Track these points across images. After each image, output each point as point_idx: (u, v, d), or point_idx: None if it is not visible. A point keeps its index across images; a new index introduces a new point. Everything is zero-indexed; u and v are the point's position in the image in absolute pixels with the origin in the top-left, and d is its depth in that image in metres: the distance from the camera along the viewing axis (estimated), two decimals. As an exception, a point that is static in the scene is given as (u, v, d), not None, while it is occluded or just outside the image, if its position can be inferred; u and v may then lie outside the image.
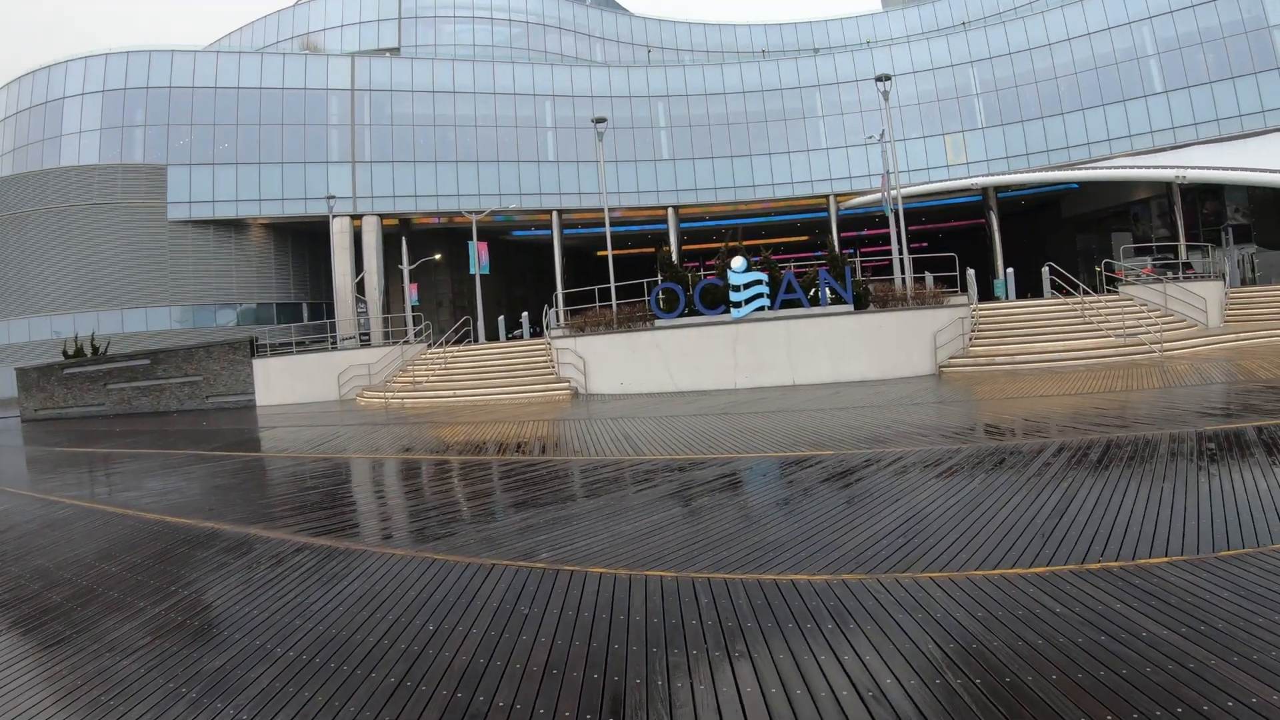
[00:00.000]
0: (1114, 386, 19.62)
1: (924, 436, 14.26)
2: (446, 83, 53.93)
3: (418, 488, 13.94)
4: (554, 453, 15.98)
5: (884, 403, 19.86)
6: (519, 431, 19.75)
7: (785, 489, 10.89)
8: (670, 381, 27.36)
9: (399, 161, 52.78)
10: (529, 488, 12.24)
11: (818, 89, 56.61)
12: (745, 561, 7.53)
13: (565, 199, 54.15)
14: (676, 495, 10.86)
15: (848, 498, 9.89)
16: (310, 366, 37.12)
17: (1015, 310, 29.71)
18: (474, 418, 23.82)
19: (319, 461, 17.18)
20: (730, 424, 18.00)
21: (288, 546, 9.50)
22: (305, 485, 14.49)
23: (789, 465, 12.48)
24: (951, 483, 10.27)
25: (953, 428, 15.65)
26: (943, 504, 9.19)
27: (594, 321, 30.84)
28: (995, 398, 19.33)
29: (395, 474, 15.69)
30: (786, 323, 26.60)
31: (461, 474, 14.44)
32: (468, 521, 10.19)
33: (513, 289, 62.68)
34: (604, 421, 20.27)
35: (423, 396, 30.61)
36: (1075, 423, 14.46)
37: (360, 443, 20.27)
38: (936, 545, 7.67)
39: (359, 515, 11.25)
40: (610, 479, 12.49)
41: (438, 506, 11.65)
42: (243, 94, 51.70)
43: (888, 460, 11.99)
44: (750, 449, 14.32)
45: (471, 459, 15.86)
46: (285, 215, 51.71)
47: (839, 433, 15.70)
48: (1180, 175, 38.72)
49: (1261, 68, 45.32)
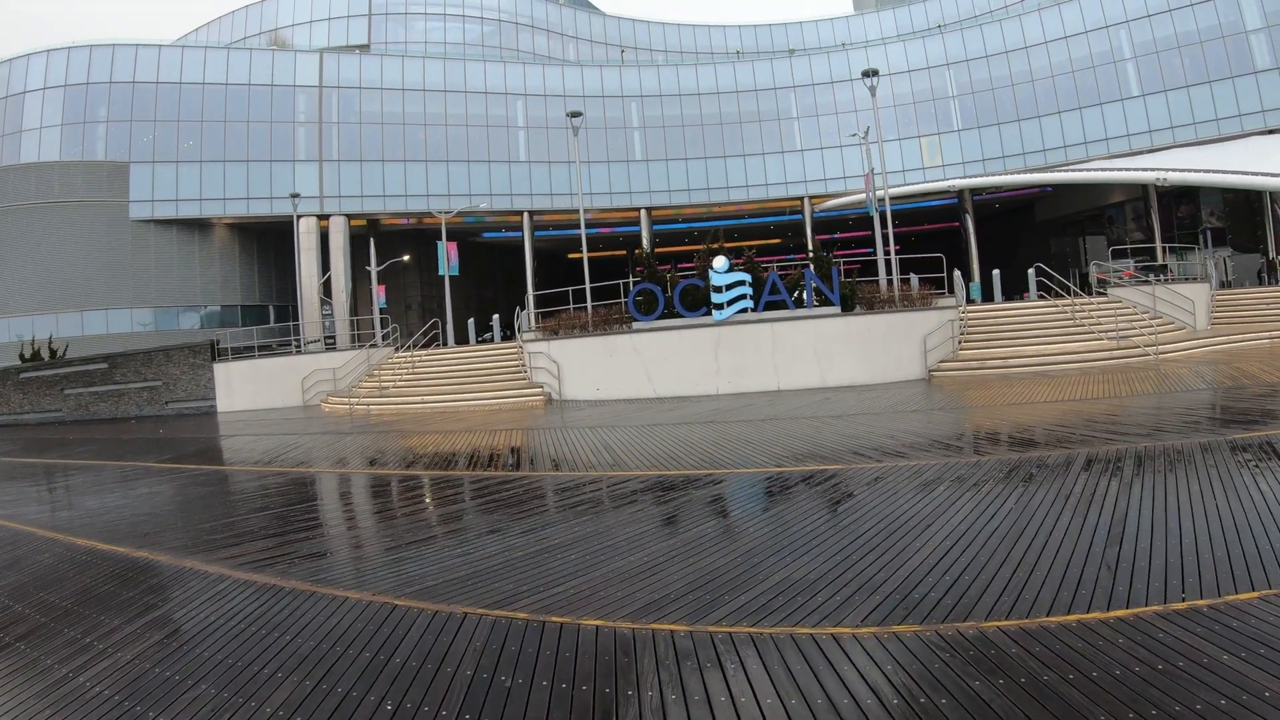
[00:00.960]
0: (1118, 391, 18.55)
1: (935, 447, 13.03)
2: (417, 81, 52.30)
3: (379, 510, 12.45)
4: (529, 467, 14.55)
5: (879, 409, 18.62)
6: (491, 442, 18.29)
7: (796, 510, 9.51)
8: (649, 387, 25.94)
9: (367, 161, 51.07)
10: (504, 510, 10.84)
11: (793, 90, 55.51)
12: (772, 608, 6.17)
13: (537, 200, 52.61)
14: (674, 520, 9.50)
15: (870, 521, 8.57)
16: (273, 371, 35.36)
17: (1004, 312, 28.66)
18: (443, 426, 22.31)
19: (274, 476, 15.63)
20: (719, 433, 16.68)
21: (225, 585, 8.04)
22: (256, 505, 12.95)
23: (794, 482, 11.14)
24: (983, 501, 9.03)
25: (963, 437, 14.43)
26: (983, 528, 7.96)
27: (568, 324, 29.30)
28: (996, 404, 18.14)
29: (355, 492, 14.20)
30: (771, 325, 25.25)
31: (428, 493, 12.96)
32: (435, 555, 8.68)
33: (483, 292, 61.03)
34: (581, 431, 18.85)
35: (389, 402, 29.04)
36: (1094, 431, 13.27)
37: (320, 455, 18.69)
38: (994, 583, 6.42)
39: (311, 544, 9.73)
40: (595, 499, 11.12)
41: (400, 535, 10.12)
42: (208, 90, 49.75)
43: (903, 475, 10.71)
44: (747, 462, 13.00)
45: (439, 474, 14.38)
46: (250, 215, 49.79)
47: (840, 443, 14.42)
48: (1161, 177, 37.94)
49: (1238, 72, 44.81)
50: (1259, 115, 44.22)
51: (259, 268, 52.94)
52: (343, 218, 50.16)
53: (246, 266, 52.50)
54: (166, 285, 49.70)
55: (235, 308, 51.70)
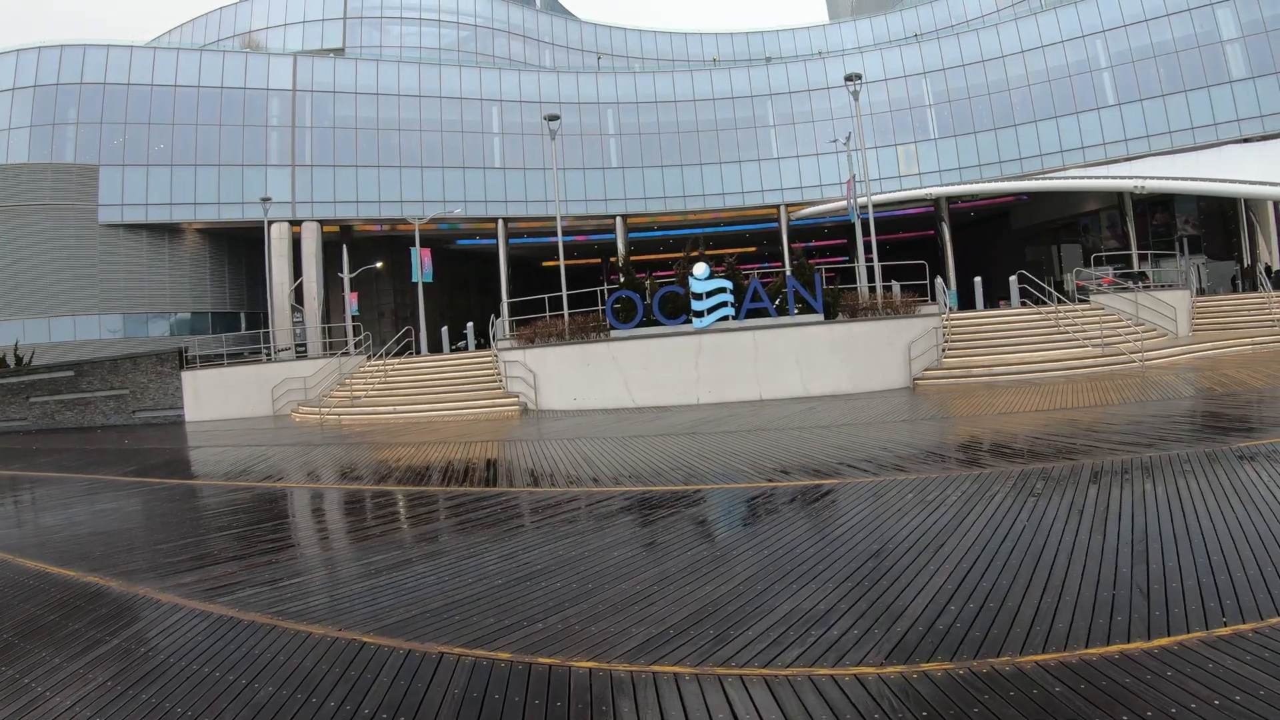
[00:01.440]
0: (1109, 399, 18.10)
1: (932, 459, 12.45)
2: (391, 85, 51.41)
3: (348, 530, 11.66)
4: (506, 483, 13.80)
5: (867, 419, 18.06)
6: (466, 454, 17.49)
7: (795, 530, 8.84)
8: (628, 397, 25.24)
9: (340, 166, 50.10)
10: (481, 531, 10.10)
11: (769, 98, 55.06)
12: (784, 643, 5.51)
13: (511, 207, 51.78)
14: (664, 542, 8.80)
15: (877, 540, 7.95)
16: (242, 379, 34.38)
17: (987, 320, 28.23)
18: (416, 437, 21.50)
19: (240, 492, 14.83)
20: (703, 445, 16.01)
21: (179, 617, 7.30)
22: (219, 523, 12.13)
23: (789, 498, 10.49)
24: (994, 517, 8.45)
25: (960, 448, 13.83)
26: (999, 547, 7.38)
27: (544, 332, 28.49)
28: (987, 413, 17.60)
29: (323, 510, 13.39)
30: (753, 333, 24.62)
31: (400, 511, 12.18)
32: (408, 582, 7.91)
33: (456, 300, 60.04)
34: (559, 443, 18.13)
35: (361, 413, 28.17)
36: (1095, 440, 12.76)
37: (288, 468, 17.87)
38: (1022, 610, 5.84)
39: (274, 569, 8.97)
40: (578, 519, 10.41)
41: (371, 559, 9.24)
42: (180, 92, 48.58)
43: (905, 490, 10.10)
44: (736, 476, 12.37)
45: (412, 490, 13.60)
46: (221, 220, 48.70)
47: (832, 455, 13.78)
48: (1140, 185, 37.77)
49: (1214, 81, 44.79)
50: (1234, 124, 44.17)
51: (230, 274, 51.81)
52: (315, 224, 49.16)
53: (217, 273, 51.37)
54: (136, 291, 48.49)
55: (206, 315, 50.55)
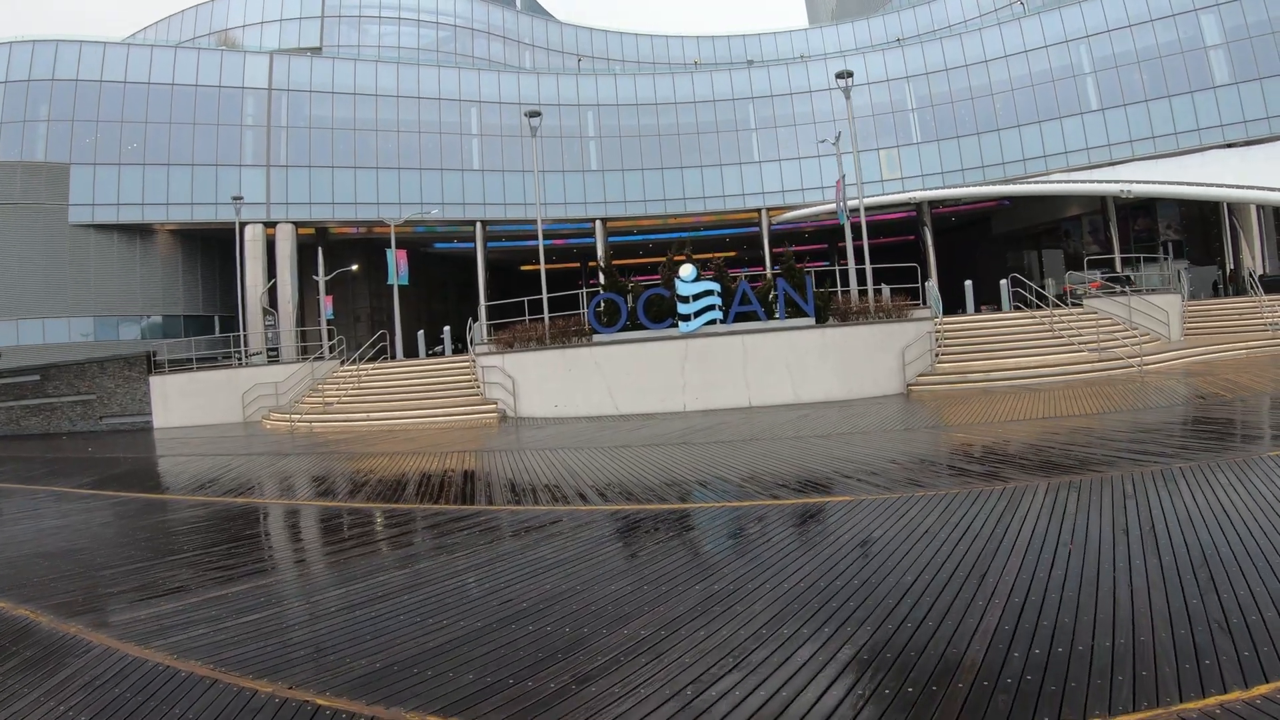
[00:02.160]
0: (1114, 405, 17.27)
1: (948, 472, 11.49)
2: (369, 85, 50.16)
3: (311, 555, 10.50)
4: (486, 499, 12.70)
5: (865, 428, 17.09)
6: (442, 466, 16.35)
7: (812, 556, 7.77)
8: (611, 404, 24.10)
9: (317, 167, 48.79)
10: (458, 558, 8.95)
11: (751, 102, 54.25)
12: (821, 711, 4.52)
13: (490, 209, 50.61)
14: (666, 572, 7.71)
15: (911, 570, 6.92)
16: (212, 385, 33.00)
17: (980, 324, 27.39)
18: (390, 447, 20.33)
19: (197, 508, 13.67)
20: (695, 457, 14.97)
21: (109, 665, 6.20)
22: (171, 545, 10.93)
23: (798, 518, 9.45)
24: (1033, 539, 7.53)
25: (971, 459, 12.83)
26: (1049, 577, 6.47)
27: (524, 336, 27.34)
28: (990, 420, 16.65)
29: (285, 531, 12.22)
30: (742, 337, 23.53)
31: (369, 534, 11.06)
32: (375, 623, 6.77)
33: (433, 304, 58.68)
34: (541, 454, 17.01)
35: (333, 420, 26.94)
36: (1114, 450, 11.87)
37: (253, 481, 16.65)
38: (1096, 655, 4.96)
39: (225, 604, 7.83)
40: (565, 543, 9.29)
41: (334, 592, 8.07)
42: (154, 90, 47.12)
43: (927, 508, 9.11)
44: (737, 492, 11.34)
45: (384, 508, 12.45)
46: (194, 221, 47.26)
47: (836, 468, 12.76)
48: (1126, 189, 37.18)
49: (1197, 87, 44.47)
50: (1218, 130, 43.87)
51: (203, 277, 50.33)
52: (290, 225, 47.87)
53: (190, 275, 49.91)
54: (107, 294, 46.96)
55: (178, 318, 49.05)
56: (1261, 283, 38.69)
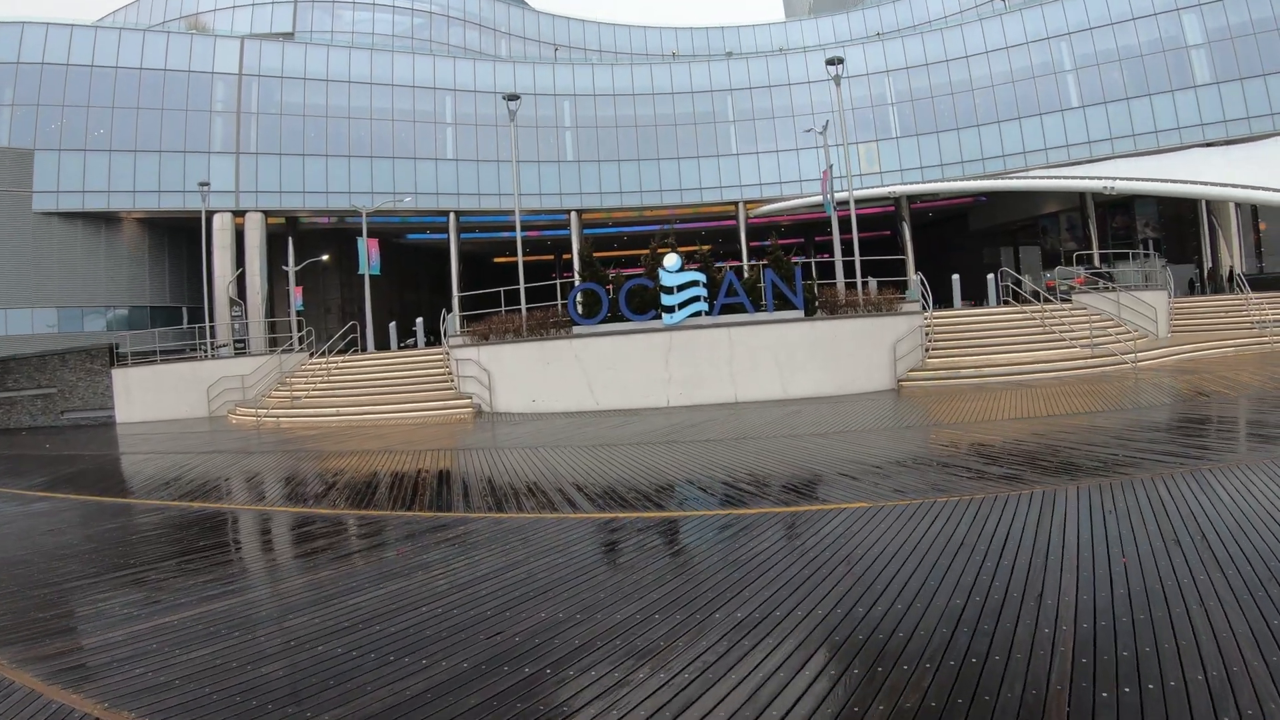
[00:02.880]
0: (1117, 403, 16.61)
1: (963, 475, 10.50)
2: (342, 71, 48.83)
3: (267, 575, 9.21)
4: (464, 503, 11.65)
5: (862, 425, 16.19)
6: (416, 466, 15.27)
7: (842, 575, 6.76)
8: (591, 399, 23.07)
9: (287, 154, 47.45)
10: (433, 579, 7.83)
11: (729, 94, 53.40)
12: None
13: (464, 200, 49.52)
14: (681, 595, 6.69)
15: (948, 593, 5.93)
16: (176, 378, 31.61)
17: (970, 318, 26.66)
18: (359, 444, 19.19)
19: (149, 514, 12.48)
20: (685, 457, 14.02)
21: (29, 712, 5.21)
22: (116, 559, 9.61)
23: (812, 529, 8.42)
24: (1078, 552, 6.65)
25: (984, 459, 11.87)
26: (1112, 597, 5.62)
27: (500, 328, 26.00)
28: (992, 418, 15.75)
29: (241, 543, 10.95)
30: (728, 330, 22.58)
31: (333, 546, 9.90)
32: (333, 668, 5.65)
33: (406, 296, 57.37)
34: (520, 452, 15.96)
35: (301, 415, 25.71)
36: (1135, 451, 11.03)
37: (211, 483, 15.36)
38: (1194, 698, 4.11)
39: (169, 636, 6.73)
40: (554, 557, 8.22)
41: (288, 624, 6.86)
42: (121, 74, 45.57)
43: (954, 515, 8.18)
44: (738, 497, 10.31)
45: (351, 515, 11.29)
46: (162, 209, 45.80)
47: (841, 469, 11.80)
48: (1109, 185, 36.71)
49: (1178, 86, 44.30)
50: (1198, 129, 43.77)
51: (170, 267, 48.84)
52: (259, 214, 46.59)
53: (157, 265, 48.41)
54: (71, 284, 45.42)
55: (145, 309, 47.55)
56: (1235, 280, 38.63)
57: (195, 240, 47.29)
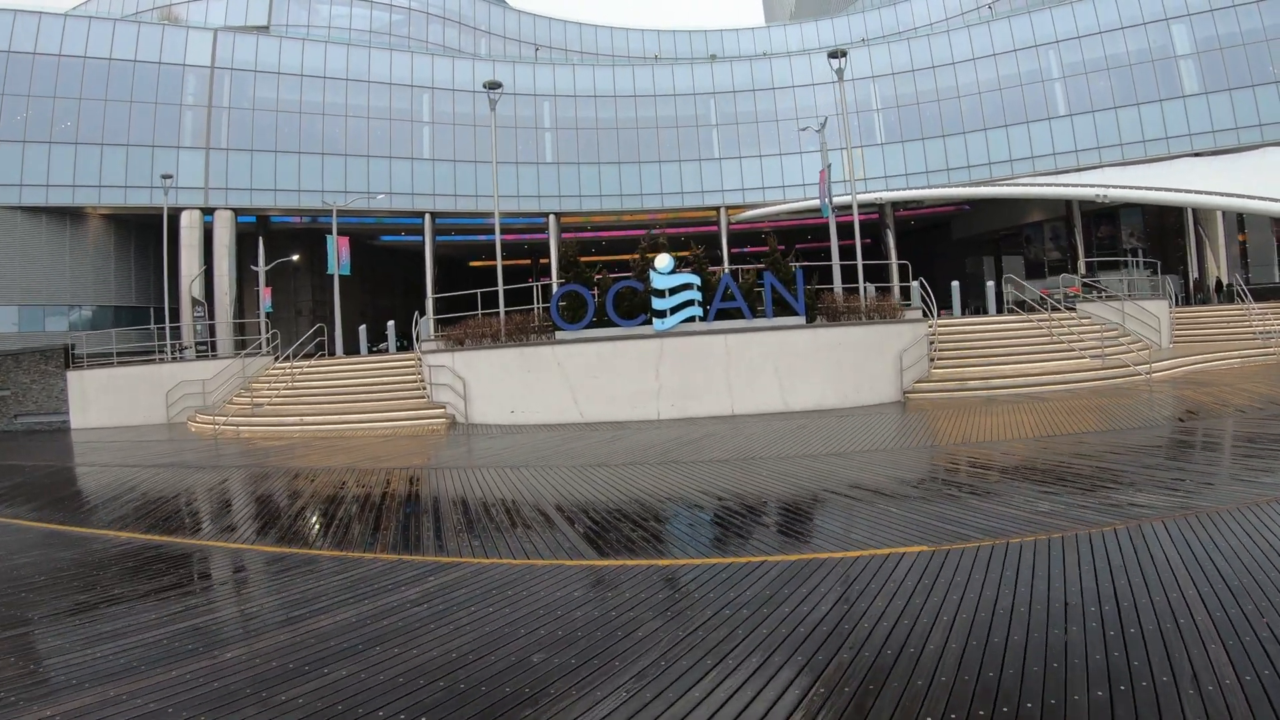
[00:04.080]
0: (1149, 418, 15.11)
1: (1020, 505, 8.67)
2: (317, 67, 46.69)
3: (187, 644, 7.42)
4: (434, 543, 9.49)
5: (882, 444, 14.40)
6: (381, 487, 13.23)
7: (959, 630, 4.97)
8: (575, 410, 21.17)
9: (259, 151, 45.27)
10: (390, 659, 5.96)
11: (712, 97, 51.74)
12: None
13: (440, 200, 47.49)
14: (741, 692, 4.92)
15: (1088, 669, 4.21)
16: (134, 381, 29.35)
17: (975, 327, 25.04)
18: (319, 459, 17.20)
19: (69, 547, 10.41)
20: (691, 480, 12.13)
21: None
22: (9, 613, 7.89)
23: (885, 575, 6.54)
24: (1244, 618, 4.88)
25: (1039, 487, 9.92)
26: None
27: (476, 333, 24.08)
28: (1021, 435, 14.03)
29: (161, 593, 8.76)
30: (724, 337, 20.72)
31: (278, 603, 7.83)
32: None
33: (380, 299, 54.95)
34: (500, 473, 13.97)
35: (262, 423, 23.60)
36: (1208, 477, 9.27)
37: (149, 505, 13.30)
38: None
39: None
40: (560, 627, 6.37)
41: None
42: (90, 65, 43.25)
43: (1043, 562, 6.39)
44: (780, 542, 8.50)
45: (302, 556, 9.20)
46: (128, 205, 43.52)
47: (878, 502, 9.90)
48: (1102, 194, 35.40)
49: (1166, 95, 43.26)
50: (1186, 138, 42.77)
51: (138, 265, 46.44)
52: (229, 212, 44.41)
53: (123, 264, 46.03)
54: (34, 282, 42.99)
55: (109, 309, 45.19)
56: (1224, 292, 37.61)
57: (163, 238, 45.06)
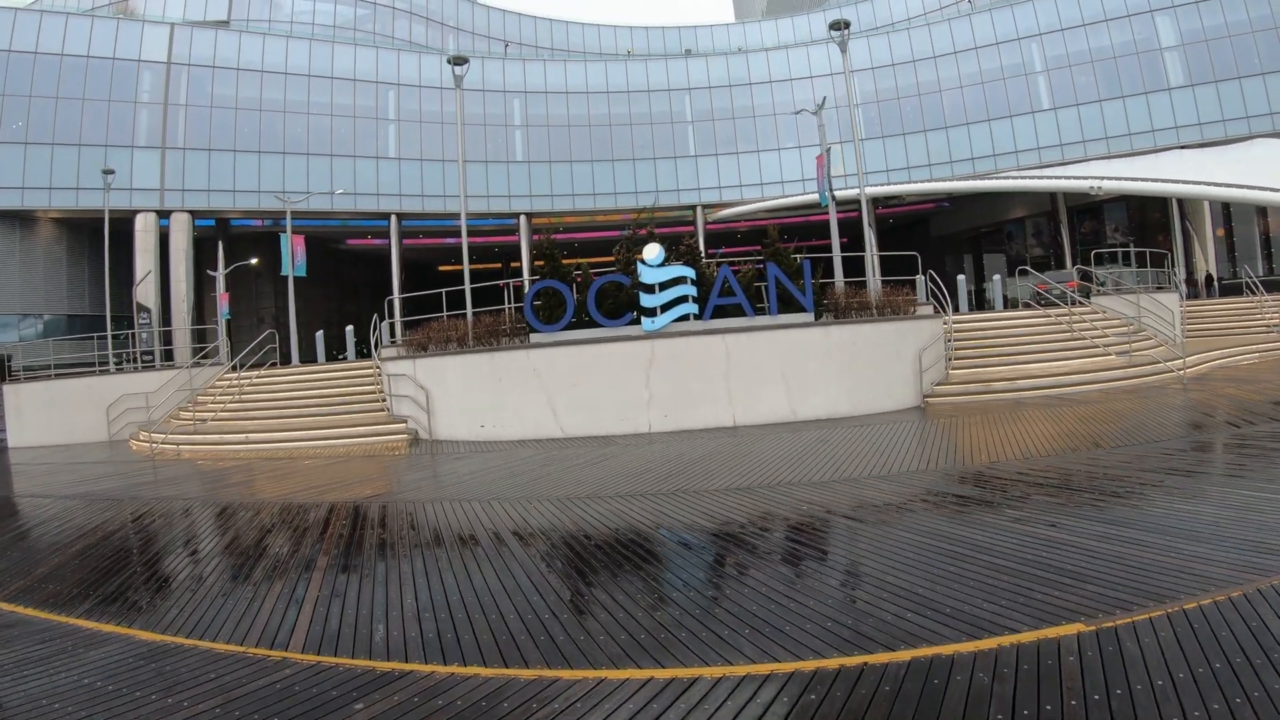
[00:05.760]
0: (1216, 422, 12.49)
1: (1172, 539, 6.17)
2: (279, 63, 43.77)
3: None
4: (368, 636, 6.74)
5: (921, 462, 11.49)
6: (319, 530, 10.34)
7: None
8: (554, 423, 18.32)
9: (217, 150, 42.32)
10: None
11: (687, 93, 49.36)
12: None
13: (406, 201, 44.75)
14: None
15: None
16: (74, 395, 26.20)
17: (989, 323, 22.71)
18: (256, 490, 14.40)
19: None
20: (706, 514, 9.34)
21: None
22: None
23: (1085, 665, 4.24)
24: None
25: (1179, 506, 7.58)
26: None
27: (441, 337, 20.93)
28: (1073, 448, 11.07)
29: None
30: (724, 337, 17.87)
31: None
32: None
33: (346, 306, 51.65)
34: (466, 507, 11.02)
35: (203, 442, 20.65)
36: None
37: (36, 551, 10.64)
38: None
39: None
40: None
41: None
42: (40, 61, 40.20)
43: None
44: (880, 626, 5.92)
45: (201, 653, 6.70)
46: (80, 208, 40.44)
47: (979, 557, 7.02)
48: (1096, 186, 33.45)
49: (1152, 88, 41.53)
50: (1172, 131, 41.12)
51: (92, 272, 43.18)
52: (186, 215, 41.50)
53: (77, 270, 42.88)
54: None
55: (62, 318, 42.04)
56: (1213, 288, 36.01)
57: (119, 243, 41.94)
